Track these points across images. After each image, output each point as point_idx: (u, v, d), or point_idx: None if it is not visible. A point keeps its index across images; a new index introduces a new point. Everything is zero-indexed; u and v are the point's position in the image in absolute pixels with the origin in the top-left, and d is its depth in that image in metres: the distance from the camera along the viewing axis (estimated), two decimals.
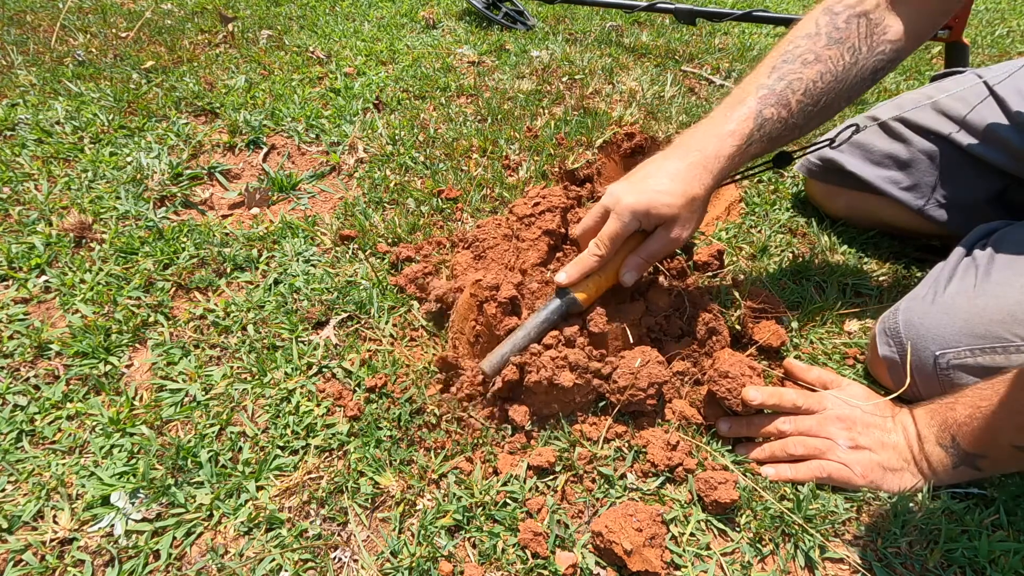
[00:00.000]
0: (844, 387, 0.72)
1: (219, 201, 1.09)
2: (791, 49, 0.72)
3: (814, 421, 0.68)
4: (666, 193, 0.68)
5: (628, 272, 0.72)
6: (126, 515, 0.61)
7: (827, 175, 1.03)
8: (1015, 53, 1.96)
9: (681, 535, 0.62)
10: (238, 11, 1.99)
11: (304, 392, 0.74)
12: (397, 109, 1.39)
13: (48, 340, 0.78)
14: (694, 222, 0.71)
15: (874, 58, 0.72)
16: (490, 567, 0.59)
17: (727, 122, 0.71)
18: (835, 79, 0.71)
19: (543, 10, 2.15)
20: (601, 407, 0.73)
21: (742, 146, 0.70)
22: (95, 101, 1.32)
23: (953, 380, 0.67)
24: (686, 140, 0.72)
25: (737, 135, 0.70)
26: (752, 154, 0.72)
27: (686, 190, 0.68)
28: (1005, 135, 0.85)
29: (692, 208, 0.69)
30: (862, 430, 0.66)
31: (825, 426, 0.67)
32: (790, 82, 0.70)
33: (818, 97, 0.71)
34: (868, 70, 0.72)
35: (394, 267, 0.94)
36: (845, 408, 0.68)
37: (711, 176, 0.69)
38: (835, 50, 0.71)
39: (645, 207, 0.68)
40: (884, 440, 0.65)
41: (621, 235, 0.70)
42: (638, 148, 1.28)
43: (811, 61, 0.71)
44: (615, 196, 0.70)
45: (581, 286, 0.73)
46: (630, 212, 0.68)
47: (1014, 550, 0.59)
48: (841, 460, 0.65)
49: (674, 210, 0.68)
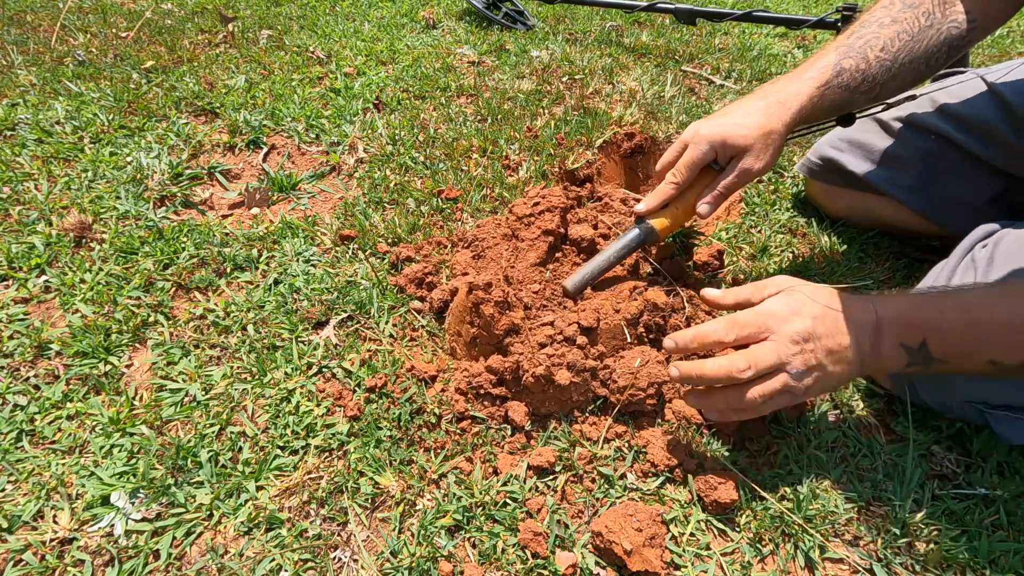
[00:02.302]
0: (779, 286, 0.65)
1: (219, 201, 1.09)
2: (868, 18, 0.78)
3: (772, 355, 0.59)
4: (743, 125, 0.72)
5: (704, 203, 0.75)
6: (126, 515, 0.61)
7: (827, 175, 1.03)
8: (1015, 53, 1.96)
9: (681, 535, 0.62)
10: (238, 11, 1.99)
11: (304, 392, 0.74)
12: (397, 109, 1.39)
13: (48, 340, 0.78)
14: (768, 155, 0.73)
15: (948, 23, 0.75)
16: (490, 567, 0.59)
17: (807, 70, 0.76)
18: (911, 38, 0.74)
19: (543, 10, 2.15)
20: (601, 407, 0.73)
21: (821, 89, 0.74)
22: (95, 101, 1.32)
23: (952, 380, 0.67)
24: (767, 86, 0.77)
25: (816, 80, 0.74)
26: (830, 100, 0.75)
27: (763, 123, 0.72)
28: (1005, 135, 0.85)
29: (767, 141, 0.72)
30: (814, 347, 0.59)
31: (781, 352, 0.59)
32: (868, 40, 0.75)
33: (895, 54, 0.75)
34: (943, 36, 0.75)
35: (394, 267, 0.94)
36: (799, 323, 0.60)
37: (789, 113, 0.73)
38: (910, 13, 0.75)
39: (721, 136, 0.72)
40: (832, 348, 0.60)
41: (698, 163, 0.74)
42: (638, 148, 1.28)
43: (887, 24, 0.75)
44: (694, 129, 0.75)
45: (659, 215, 0.76)
46: (707, 141, 0.73)
47: (1014, 550, 0.59)
48: (792, 391, 0.59)
49: (749, 140, 0.71)
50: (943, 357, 0.57)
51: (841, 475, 0.67)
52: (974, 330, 0.55)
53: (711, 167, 0.77)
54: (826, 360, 0.60)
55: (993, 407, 0.68)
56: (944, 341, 0.57)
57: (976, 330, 0.55)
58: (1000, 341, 0.54)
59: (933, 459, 0.69)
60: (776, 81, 0.78)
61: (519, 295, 0.77)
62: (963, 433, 0.71)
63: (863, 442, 0.71)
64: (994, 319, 0.54)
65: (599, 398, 0.73)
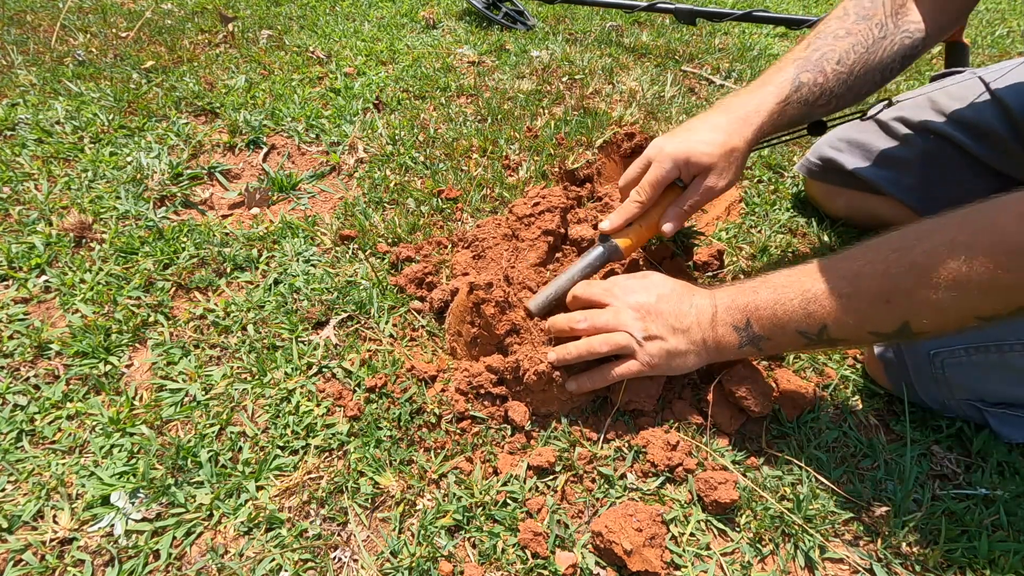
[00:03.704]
0: (642, 277, 0.72)
1: (219, 201, 1.09)
2: (823, 29, 0.79)
3: (610, 314, 0.68)
4: (706, 143, 0.73)
5: (668, 222, 0.76)
6: (126, 515, 0.61)
7: (827, 175, 1.03)
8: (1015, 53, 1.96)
9: (681, 535, 0.62)
10: (238, 11, 1.99)
11: (304, 392, 0.74)
12: (397, 109, 1.39)
13: (48, 340, 0.78)
14: (731, 173, 0.74)
15: (900, 34, 0.76)
16: (490, 567, 0.59)
17: (766, 84, 0.77)
18: (866, 50, 0.76)
19: (543, 10, 2.15)
20: (601, 407, 0.73)
21: (781, 104, 0.75)
22: (95, 101, 1.32)
23: (949, 378, 0.67)
24: (727, 101, 0.78)
25: (776, 95, 0.75)
26: (790, 116, 0.76)
27: (726, 141, 0.73)
28: (1004, 137, 0.85)
29: (730, 159, 0.73)
30: (655, 318, 0.66)
31: (620, 317, 0.67)
32: (824, 53, 0.76)
33: (851, 66, 0.76)
34: (896, 47, 0.76)
35: (394, 267, 0.94)
36: (640, 295, 0.68)
37: (751, 130, 0.74)
38: (863, 25, 0.76)
39: (685, 155, 0.73)
40: (675, 325, 0.66)
41: (662, 181, 0.74)
42: (638, 148, 1.28)
43: (842, 36, 0.76)
44: (657, 146, 0.76)
45: (623, 234, 0.76)
46: (671, 159, 0.73)
47: (1014, 550, 0.59)
48: (636, 355, 0.66)
49: (713, 159, 0.72)
50: (764, 334, 0.63)
51: (841, 475, 0.67)
52: (781, 307, 0.61)
53: (675, 184, 0.77)
54: (668, 335, 0.66)
55: (991, 405, 0.68)
56: (761, 318, 0.62)
57: (781, 306, 0.61)
58: (800, 313, 0.59)
59: (933, 459, 0.69)
60: (738, 94, 0.79)
61: (519, 295, 0.77)
62: (963, 433, 0.72)
63: (863, 442, 0.71)
64: (792, 295, 0.60)
65: (599, 398, 0.73)
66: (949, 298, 0.50)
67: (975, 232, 0.49)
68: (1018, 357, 0.63)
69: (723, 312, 0.65)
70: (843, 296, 0.56)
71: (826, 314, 0.58)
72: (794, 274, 0.61)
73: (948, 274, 0.49)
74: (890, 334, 0.56)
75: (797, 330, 0.60)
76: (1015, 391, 0.66)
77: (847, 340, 0.59)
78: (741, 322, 0.63)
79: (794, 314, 0.60)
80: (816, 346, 0.62)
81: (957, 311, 0.51)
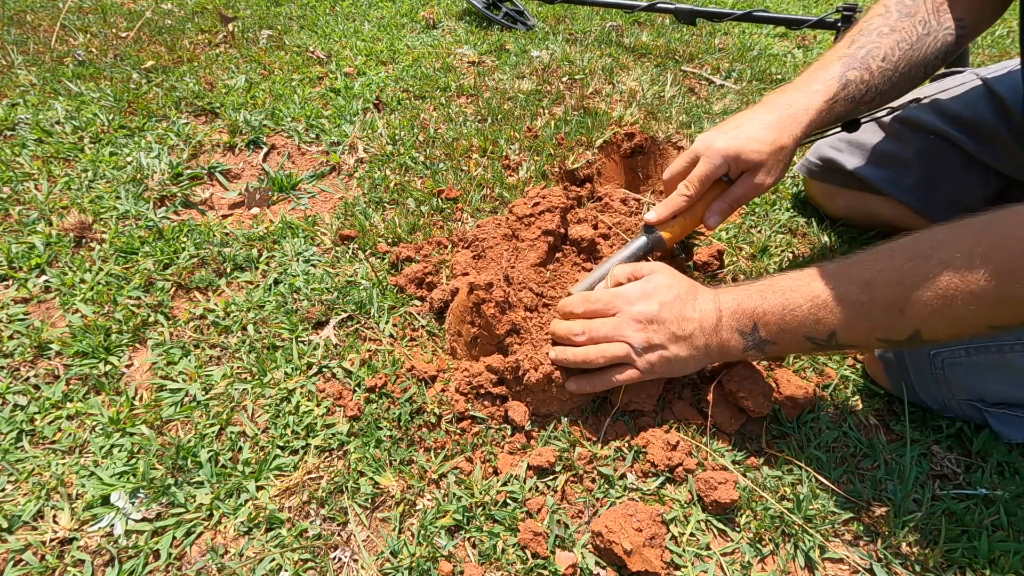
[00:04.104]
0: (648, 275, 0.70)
1: (219, 201, 1.09)
2: (866, 26, 0.79)
3: (610, 327, 0.67)
4: (757, 140, 0.73)
5: (713, 216, 0.77)
6: (126, 515, 0.61)
7: (827, 175, 1.03)
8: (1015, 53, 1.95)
9: (681, 535, 0.62)
10: (238, 11, 1.99)
11: (304, 392, 0.74)
12: (397, 109, 1.39)
13: (48, 340, 0.78)
14: (779, 171, 0.75)
15: (943, 31, 0.76)
16: (490, 567, 0.59)
17: (814, 83, 0.76)
18: (910, 47, 0.76)
19: (543, 10, 2.15)
20: (601, 407, 0.73)
21: (829, 103, 0.75)
22: (95, 101, 1.32)
23: (948, 378, 0.67)
24: (775, 98, 0.78)
25: (824, 93, 0.75)
26: (837, 113, 0.76)
27: (776, 139, 0.73)
28: (1003, 136, 0.85)
29: (779, 157, 0.74)
30: (656, 328, 0.65)
31: (621, 329, 0.66)
32: (869, 50, 0.76)
33: (896, 63, 0.76)
34: (939, 43, 0.77)
35: (394, 267, 0.94)
36: (644, 305, 0.66)
37: (800, 128, 0.74)
38: (907, 22, 0.77)
39: (736, 151, 0.73)
40: (677, 334, 0.65)
41: (710, 176, 0.75)
42: (638, 148, 1.28)
43: (886, 33, 0.77)
44: (706, 142, 0.76)
45: (667, 226, 0.78)
46: (721, 155, 0.74)
47: (1014, 550, 0.59)
48: (634, 364, 0.66)
49: (763, 156, 0.73)
50: (770, 338, 0.63)
51: (841, 475, 0.67)
52: (789, 313, 0.60)
53: (720, 179, 0.78)
54: (669, 342, 0.65)
55: (991, 405, 0.68)
56: (768, 323, 0.62)
57: (790, 312, 0.60)
58: (810, 319, 0.59)
59: (933, 459, 0.69)
60: (784, 91, 0.79)
61: (519, 295, 0.77)
62: (963, 433, 0.72)
63: (863, 442, 0.71)
64: (801, 300, 0.60)
65: (599, 398, 0.73)
66: (964, 309, 0.50)
67: (993, 244, 0.49)
68: (1018, 357, 0.63)
69: (728, 317, 0.64)
70: (855, 304, 0.56)
71: (836, 321, 0.57)
72: (803, 278, 0.61)
73: (965, 286, 0.49)
74: (901, 341, 0.56)
75: (805, 336, 0.60)
76: (1015, 391, 0.66)
77: (855, 345, 0.59)
78: (748, 327, 0.63)
79: (803, 320, 0.59)
80: (823, 351, 0.61)
81: (971, 321, 0.51)
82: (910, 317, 0.53)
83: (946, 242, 0.52)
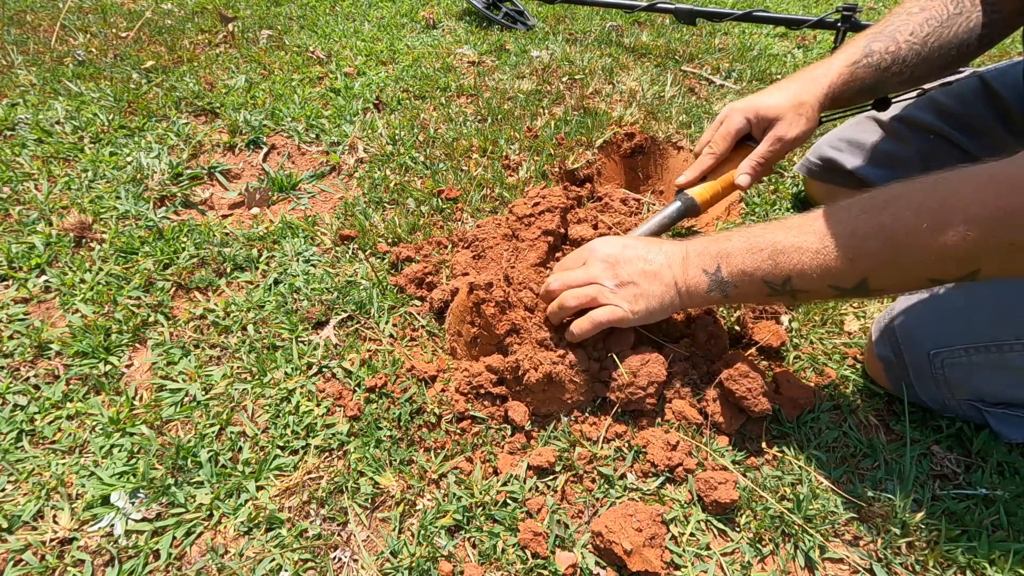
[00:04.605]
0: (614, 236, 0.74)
1: (219, 201, 1.09)
2: (898, 9, 0.82)
3: (582, 271, 0.69)
4: (774, 97, 0.78)
5: (742, 174, 0.79)
6: (126, 515, 0.61)
7: (827, 175, 1.03)
8: (1015, 53, 1.96)
9: (681, 535, 0.62)
10: (238, 11, 1.99)
11: (304, 392, 0.74)
12: (397, 109, 1.39)
13: (48, 340, 0.78)
14: (802, 125, 0.77)
15: (977, 12, 0.77)
16: (490, 567, 0.59)
17: (838, 54, 0.80)
18: (940, 24, 0.77)
19: (543, 10, 2.15)
20: (601, 407, 0.73)
21: (850, 67, 0.78)
22: (95, 101, 1.32)
23: (948, 378, 0.67)
24: (797, 72, 0.82)
25: (845, 60, 0.79)
26: (860, 79, 0.78)
27: (794, 95, 0.77)
28: (1003, 135, 0.85)
29: (799, 111, 0.77)
30: (624, 265, 0.68)
31: (590, 271, 0.69)
32: (897, 26, 0.79)
33: (924, 38, 0.78)
34: (973, 24, 0.78)
35: (394, 267, 0.94)
36: (608, 247, 0.69)
37: (820, 89, 0.77)
38: (938, 1, 0.78)
39: (753, 107, 0.78)
40: (646, 269, 0.67)
41: (732, 134, 0.78)
42: (638, 148, 1.28)
43: (915, 12, 0.79)
44: (728, 107, 0.81)
45: (699, 189, 0.79)
46: (739, 112, 0.78)
47: (1014, 550, 0.59)
48: (609, 301, 0.67)
49: (781, 110, 0.76)
50: (732, 280, 0.64)
51: (841, 475, 0.67)
52: (750, 256, 0.62)
53: (747, 144, 0.80)
54: (640, 279, 0.67)
55: (991, 405, 0.68)
56: (731, 264, 0.63)
57: (751, 255, 0.62)
58: (768, 263, 0.60)
59: (933, 459, 0.69)
60: (805, 68, 0.83)
61: (520, 295, 0.77)
62: (963, 433, 0.71)
63: (863, 442, 0.71)
64: (763, 245, 0.61)
65: (599, 398, 0.73)
66: (909, 260, 0.52)
67: (940, 200, 0.51)
68: (1018, 357, 0.63)
69: (694, 256, 0.66)
70: (810, 251, 0.58)
71: (791, 266, 0.59)
72: (769, 227, 0.63)
73: (910, 239, 0.51)
74: (848, 289, 0.58)
75: (763, 279, 0.61)
76: (1015, 391, 0.66)
77: (808, 292, 0.60)
78: (711, 267, 0.64)
79: (762, 264, 0.61)
80: (778, 296, 0.63)
81: (914, 272, 0.53)
82: (859, 266, 0.55)
83: (898, 197, 0.54)
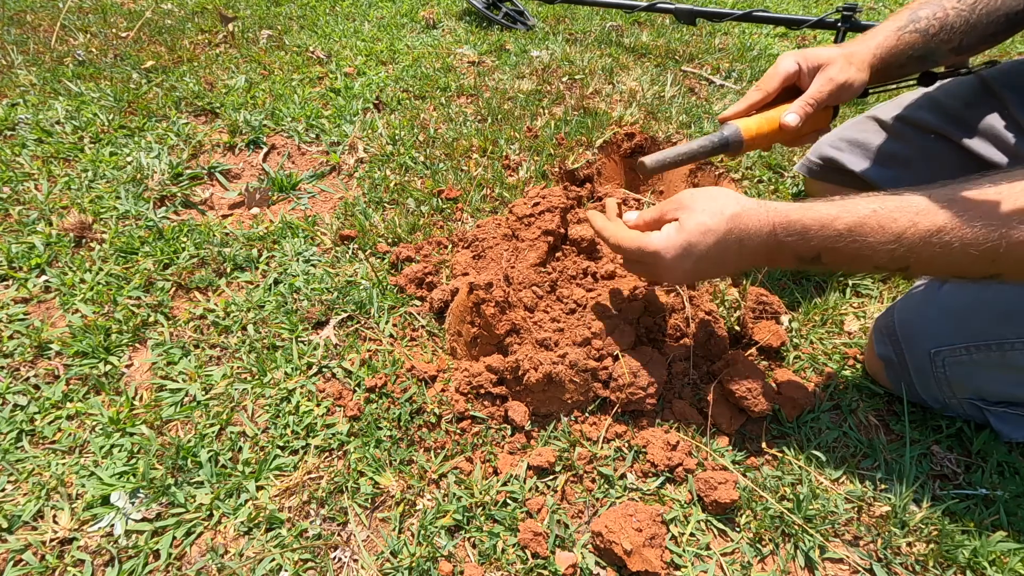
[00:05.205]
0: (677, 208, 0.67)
1: (219, 201, 1.09)
2: None
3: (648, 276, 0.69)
4: (825, 48, 0.78)
5: (791, 113, 0.77)
6: (126, 515, 0.61)
7: (827, 174, 1.02)
8: (1015, 53, 1.95)
9: (681, 535, 0.62)
10: (238, 11, 1.99)
11: (304, 392, 0.74)
12: (397, 109, 1.39)
13: (48, 340, 0.78)
14: (852, 72, 0.76)
15: None
16: (490, 567, 0.59)
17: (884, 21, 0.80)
18: None
19: (543, 10, 2.15)
20: (601, 407, 0.73)
21: (896, 31, 0.78)
22: (95, 101, 1.32)
23: (949, 377, 0.67)
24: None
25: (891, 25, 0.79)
26: (907, 43, 0.78)
27: (846, 47, 0.77)
28: (1003, 134, 0.85)
29: (850, 60, 0.76)
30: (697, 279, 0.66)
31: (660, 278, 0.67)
32: None
33: (972, 5, 0.77)
34: None
35: (394, 267, 0.94)
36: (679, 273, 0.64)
37: (868, 47, 0.77)
38: None
39: (803, 52, 0.77)
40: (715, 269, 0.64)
41: (782, 75, 0.77)
42: (638, 148, 1.28)
43: None
44: (782, 55, 0.80)
45: (746, 121, 0.77)
46: (791, 56, 0.77)
47: (1014, 550, 0.59)
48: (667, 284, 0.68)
49: (832, 58, 0.76)
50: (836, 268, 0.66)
51: (841, 475, 0.67)
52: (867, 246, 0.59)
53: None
54: (710, 268, 0.63)
55: (992, 404, 0.68)
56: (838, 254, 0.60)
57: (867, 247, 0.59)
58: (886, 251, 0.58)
59: (933, 459, 0.69)
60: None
61: (519, 295, 0.77)
62: (963, 433, 0.71)
63: (863, 442, 0.71)
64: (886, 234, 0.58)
65: (599, 398, 0.73)
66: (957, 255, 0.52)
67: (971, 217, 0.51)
68: (1019, 355, 0.63)
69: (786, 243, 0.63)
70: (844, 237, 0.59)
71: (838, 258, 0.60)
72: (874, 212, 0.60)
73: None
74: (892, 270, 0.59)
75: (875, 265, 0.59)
76: (1016, 389, 0.66)
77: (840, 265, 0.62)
78: (809, 254, 0.62)
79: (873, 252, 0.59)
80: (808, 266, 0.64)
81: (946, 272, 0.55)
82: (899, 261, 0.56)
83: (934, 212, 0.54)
